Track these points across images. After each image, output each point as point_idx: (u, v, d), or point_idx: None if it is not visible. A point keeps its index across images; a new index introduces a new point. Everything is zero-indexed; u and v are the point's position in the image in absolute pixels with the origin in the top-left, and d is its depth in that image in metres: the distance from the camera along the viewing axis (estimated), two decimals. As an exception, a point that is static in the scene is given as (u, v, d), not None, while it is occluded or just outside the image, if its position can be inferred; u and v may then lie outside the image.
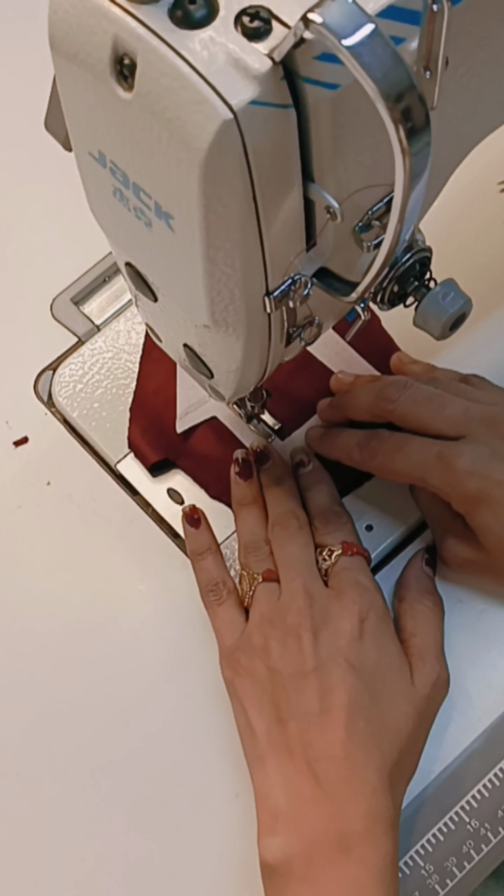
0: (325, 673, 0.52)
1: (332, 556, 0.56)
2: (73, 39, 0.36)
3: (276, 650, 0.53)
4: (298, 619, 0.53)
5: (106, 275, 0.71)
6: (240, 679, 0.55)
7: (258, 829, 0.51)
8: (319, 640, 0.53)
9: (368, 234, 0.42)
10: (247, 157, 0.34)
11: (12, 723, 0.59)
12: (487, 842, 0.54)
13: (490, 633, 0.58)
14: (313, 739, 0.51)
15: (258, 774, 0.52)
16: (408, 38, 0.36)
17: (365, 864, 0.48)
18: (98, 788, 0.57)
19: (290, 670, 0.53)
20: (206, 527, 0.61)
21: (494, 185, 0.71)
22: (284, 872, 0.49)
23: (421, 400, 0.56)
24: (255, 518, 0.60)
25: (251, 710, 0.54)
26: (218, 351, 0.47)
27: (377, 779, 0.50)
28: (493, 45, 0.42)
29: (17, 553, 0.63)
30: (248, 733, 0.54)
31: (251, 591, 0.57)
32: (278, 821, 0.50)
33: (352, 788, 0.50)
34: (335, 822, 0.49)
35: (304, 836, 0.49)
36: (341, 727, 0.51)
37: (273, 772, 0.52)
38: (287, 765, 0.51)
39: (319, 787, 0.50)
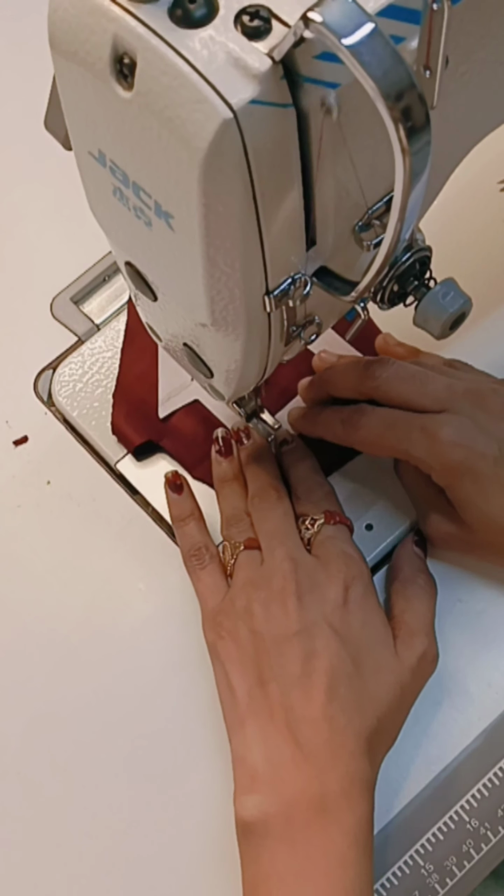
0: (309, 637, 0.52)
1: (315, 524, 0.57)
2: (73, 38, 0.36)
3: (259, 613, 0.54)
4: (283, 584, 0.54)
5: (106, 274, 0.71)
6: (222, 642, 0.55)
7: (235, 790, 0.51)
8: (304, 604, 0.53)
9: (368, 234, 0.42)
10: (247, 156, 0.34)
11: (12, 722, 0.59)
12: (487, 841, 0.54)
13: (490, 633, 0.58)
14: (294, 702, 0.51)
15: (237, 736, 0.53)
16: (408, 37, 0.36)
17: (341, 826, 0.49)
18: (98, 787, 0.57)
19: (274, 633, 0.53)
20: (189, 493, 0.61)
21: (494, 185, 0.71)
22: (261, 831, 0.49)
23: (404, 376, 0.56)
24: (235, 493, 0.61)
25: (233, 673, 0.54)
26: (217, 350, 0.47)
27: (355, 743, 0.50)
28: (493, 45, 0.41)
29: (17, 552, 0.63)
30: (228, 695, 0.54)
31: (234, 559, 0.58)
32: (256, 781, 0.51)
33: (330, 751, 0.50)
34: (314, 784, 0.49)
35: (282, 796, 0.50)
36: (322, 691, 0.51)
37: (252, 733, 0.52)
38: (267, 726, 0.52)
39: (299, 749, 0.50)
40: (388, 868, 0.54)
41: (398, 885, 0.54)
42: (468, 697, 0.57)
